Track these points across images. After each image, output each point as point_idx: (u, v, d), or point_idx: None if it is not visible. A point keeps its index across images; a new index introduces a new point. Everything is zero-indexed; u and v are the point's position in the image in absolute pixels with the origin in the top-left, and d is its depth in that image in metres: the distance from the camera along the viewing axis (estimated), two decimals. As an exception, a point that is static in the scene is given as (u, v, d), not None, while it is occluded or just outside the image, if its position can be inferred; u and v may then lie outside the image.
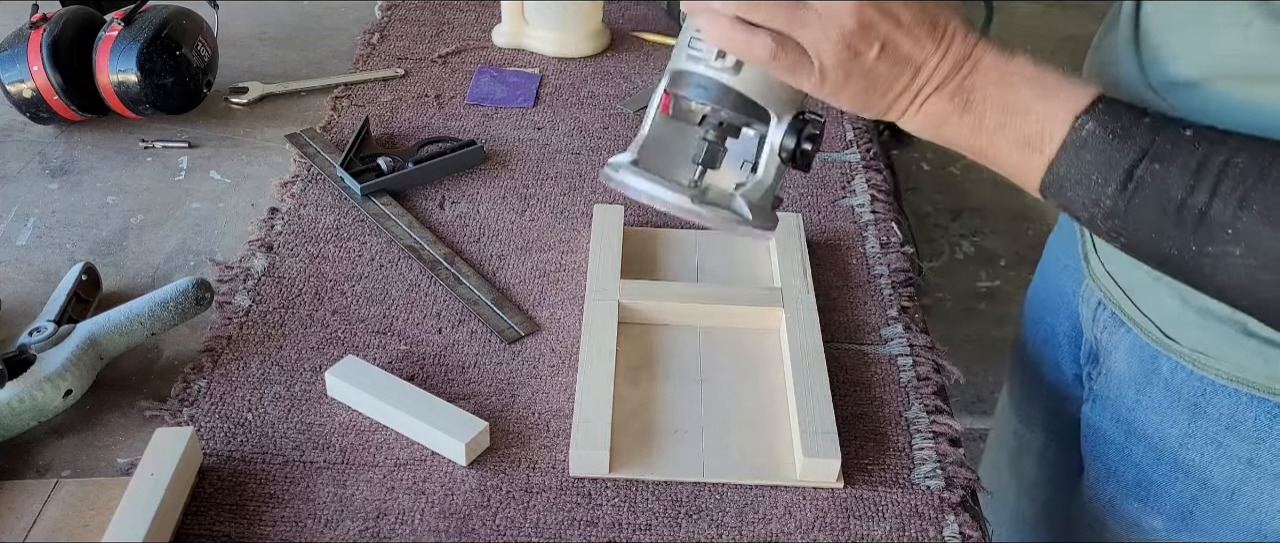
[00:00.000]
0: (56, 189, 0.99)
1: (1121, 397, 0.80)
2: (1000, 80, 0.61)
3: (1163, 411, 0.76)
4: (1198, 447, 0.74)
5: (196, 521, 0.68)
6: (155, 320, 0.78)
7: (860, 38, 0.60)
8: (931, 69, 0.61)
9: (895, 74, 0.61)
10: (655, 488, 0.71)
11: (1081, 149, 0.58)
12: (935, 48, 0.61)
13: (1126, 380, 0.79)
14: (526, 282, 0.89)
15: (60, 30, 1.02)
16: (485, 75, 1.18)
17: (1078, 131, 0.58)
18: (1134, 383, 0.78)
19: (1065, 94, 0.60)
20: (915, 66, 0.61)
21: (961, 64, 0.61)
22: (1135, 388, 0.78)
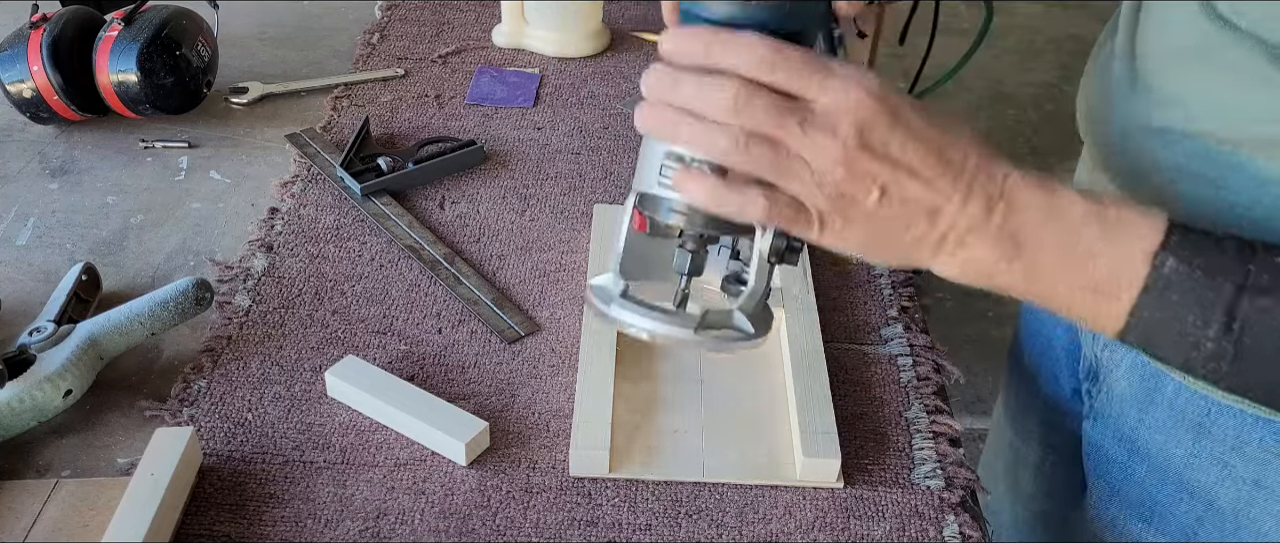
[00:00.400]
0: (56, 189, 0.99)
1: (1124, 416, 0.78)
2: (1048, 220, 0.54)
3: (1167, 430, 0.74)
4: (1203, 467, 0.72)
5: (196, 521, 0.68)
6: (155, 320, 0.78)
7: (853, 184, 0.54)
8: (954, 213, 0.54)
9: (907, 219, 0.55)
10: (655, 488, 0.71)
11: (1166, 291, 0.52)
12: (952, 187, 0.54)
13: (1129, 399, 0.77)
14: (526, 282, 0.89)
15: (60, 30, 1.02)
16: (485, 75, 1.18)
17: (1158, 272, 0.52)
18: (1136, 402, 0.76)
19: (1132, 229, 0.53)
20: (930, 210, 0.55)
21: (993, 205, 0.54)
22: (1138, 407, 0.76)
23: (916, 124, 0.54)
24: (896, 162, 0.54)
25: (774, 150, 0.54)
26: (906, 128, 0.54)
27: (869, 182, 0.54)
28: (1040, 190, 0.54)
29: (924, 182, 0.54)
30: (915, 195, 0.54)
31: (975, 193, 0.54)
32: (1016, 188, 0.54)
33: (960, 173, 0.54)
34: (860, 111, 0.53)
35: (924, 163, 0.54)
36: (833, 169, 0.53)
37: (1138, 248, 0.53)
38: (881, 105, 0.53)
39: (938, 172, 0.54)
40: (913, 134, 0.54)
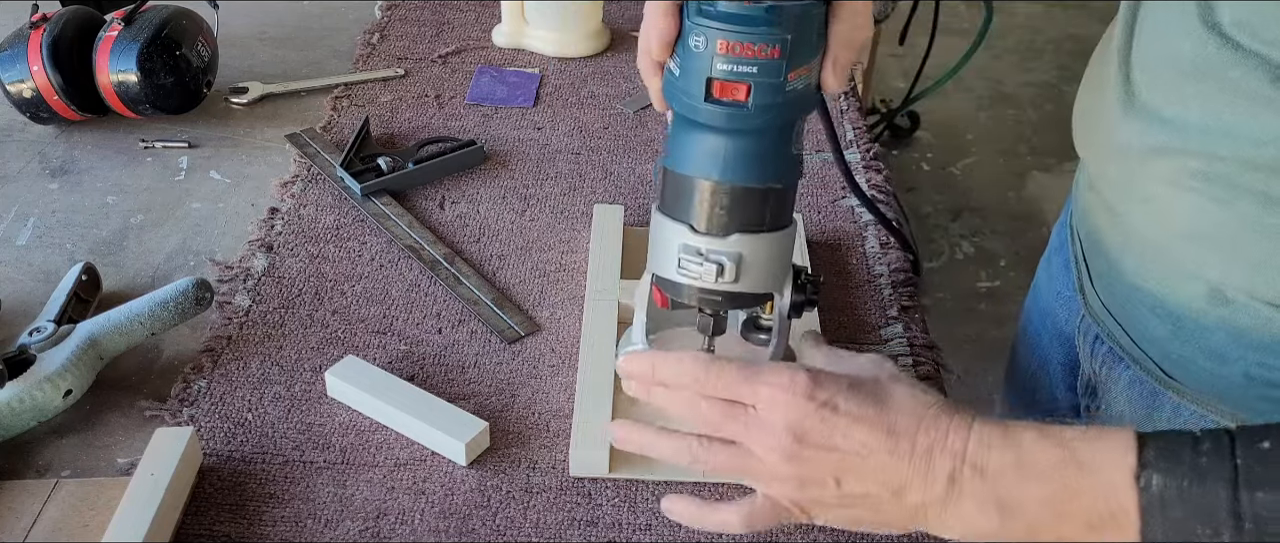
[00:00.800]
0: (56, 189, 0.99)
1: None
2: (1023, 477, 0.54)
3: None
4: None
5: (196, 521, 0.68)
6: (155, 320, 0.78)
7: (808, 477, 0.58)
8: (920, 489, 0.56)
9: (876, 500, 0.57)
10: (655, 488, 0.71)
11: (1166, 509, 0.51)
12: (909, 466, 0.56)
13: (1128, 417, 0.76)
14: (526, 282, 0.89)
15: (60, 30, 1.02)
16: (485, 75, 1.18)
17: (1147, 493, 0.52)
18: (1135, 420, 0.75)
19: (1105, 457, 0.53)
20: (894, 490, 0.57)
21: (956, 476, 0.55)
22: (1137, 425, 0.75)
23: (853, 410, 0.57)
24: (841, 450, 0.57)
25: (731, 454, 0.60)
26: (844, 417, 0.57)
27: (820, 472, 0.57)
28: (1004, 448, 0.55)
29: (876, 465, 0.57)
30: (873, 478, 0.57)
31: (935, 468, 0.56)
32: (982, 451, 0.55)
33: (913, 451, 0.56)
34: (790, 413, 0.57)
35: (869, 444, 0.57)
36: (782, 466, 0.58)
37: (1119, 475, 0.53)
38: (811, 403, 0.57)
39: (887, 449, 0.56)
40: (852, 421, 0.57)
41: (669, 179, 0.66)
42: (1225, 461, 0.51)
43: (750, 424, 0.59)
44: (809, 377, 0.58)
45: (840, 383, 0.59)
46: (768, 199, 0.65)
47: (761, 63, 0.59)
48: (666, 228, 0.66)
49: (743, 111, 0.61)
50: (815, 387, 0.58)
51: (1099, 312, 0.77)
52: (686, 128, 0.64)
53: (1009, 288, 2.48)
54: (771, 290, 0.68)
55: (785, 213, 0.66)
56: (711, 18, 0.59)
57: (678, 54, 0.62)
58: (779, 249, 0.67)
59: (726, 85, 0.60)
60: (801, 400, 0.57)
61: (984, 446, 0.56)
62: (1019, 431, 0.56)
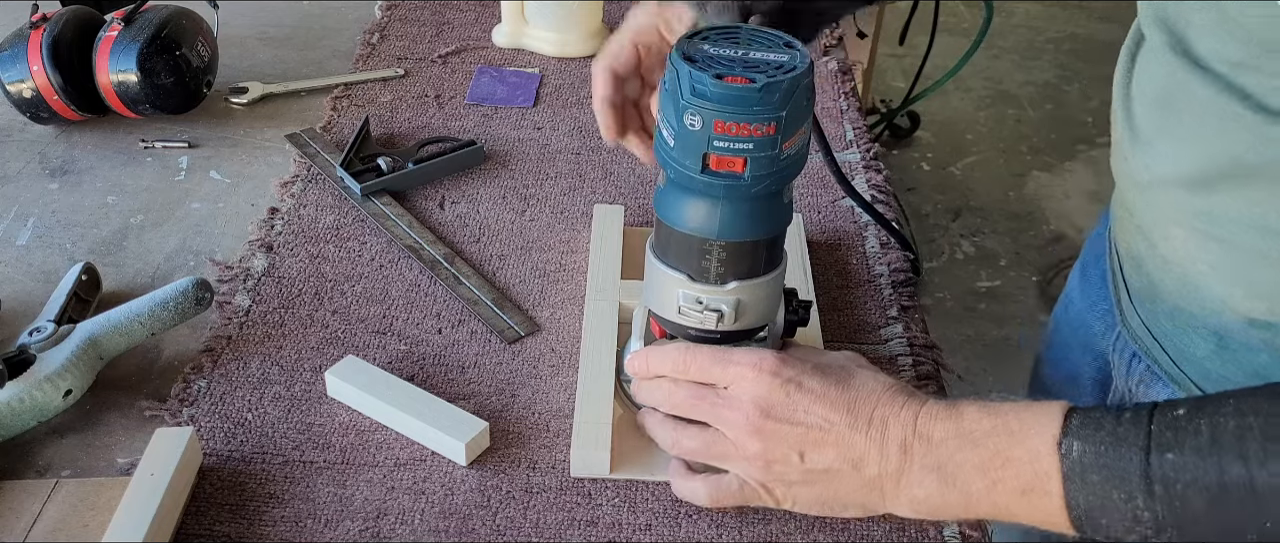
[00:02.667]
0: (56, 189, 0.99)
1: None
2: (961, 445, 0.58)
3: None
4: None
5: (196, 521, 0.68)
6: (155, 320, 0.78)
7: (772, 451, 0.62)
8: (877, 460, 0.60)
9: (836, 474, 0.61)
10: (655, 488, 0.71)
11: (1085, 474, 0.54)
12: (866, 439, 0.60)
13: None
14: (526, 282, 0.89)
15: (60, 30, 1.02)
16: (485, 75, 1.18)
17: (1068, 459, 0.55)
18: None
19: (1032, 426, 0.56)
20: (854, 461, 0.61)
21: (909, 446, 0.60)
22: None
23: (816, 388, 0.62)
24: (805, 424, 0.61)
25: (702, 436, 0.65)
26: (807, 393, 0.61)
27: (785, 446, 0.62)
28: (948, 420, 0.59)
29: (836, 438, 0.61)
30: (832, 452, 0.61)
31: (889, 438, 0.60)
32: (928, 423, 0.60)
33: (870, 423, 0.60)
34: (757, 389, 0.62)
35: (831, 419, 0.61)
36: (748, 440, 0.62)
37: (1041, 442, 0.56)
38: (776, 380, 0.62)
39: (847, 423, 0.61)
40: (815, 397, 0.61)
41: (664, 230, 0.67)
42: (1142, 428, 0.54)
43: (719, 404, 0.64)
44: (776, 357, 0.63)
45: (806, 364, 0.63)
46: (763, 248, 0.66)
47: (757, 140, 0.60)
48: (664, 273, 0.68)
49: (739, 182, 0.62)
50: (782, 365, 0.62)
51: (1137, 329, 0.76)
52: (680, 190, 0.64)
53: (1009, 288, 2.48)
54: (767, 322, 0.71)
55: (779, 253, 0.69)
56: (706, 99, 0.59)
57: (671, 125, 0.62)
58: (774, 287, 0.69)
59: (722, 159, 0.61)
60: (768, 377, 0.62)
61: (930, 417, 0.60)
62: (963, 405, 0.60)
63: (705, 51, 0.61)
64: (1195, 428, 0.52)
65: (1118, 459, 0.53)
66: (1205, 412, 0.53)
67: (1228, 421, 0.52)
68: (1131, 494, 0.53)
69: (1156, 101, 0.65)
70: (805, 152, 0.64)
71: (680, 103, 0.60)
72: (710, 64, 0.60)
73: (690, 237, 0.65)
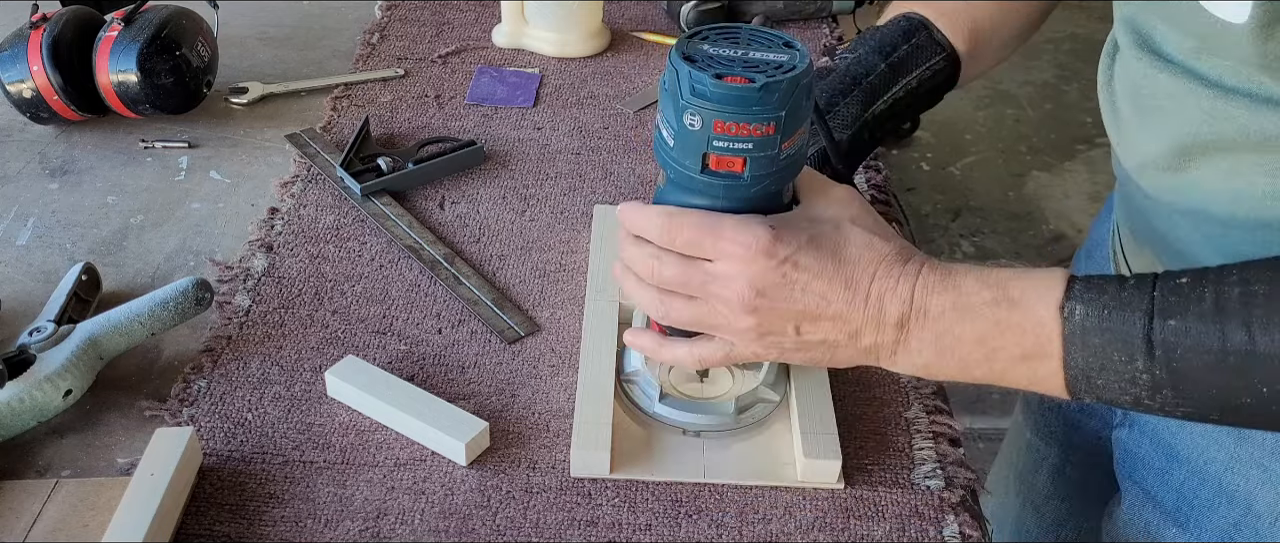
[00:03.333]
0: (56, 189, 0.99)
1: (1163, 422, 0.77)
2: (960, 317, 0.59)
3: (1208, 436, 0.74)
4: (1243, 471, 0.72)
5: (196, 521, 0.68)
6: (155, 320, 0.78)
7: (767, 327, 0.62)
8: (872, 334, 0.61)
9: (832, 344, 0.62)
10: (655, 488, 0.71)
11: (1086, 336, 0.55)
12: (862, 315, 0.60)
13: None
14: (526, 282, 0.89)
15: (60, 30, 1.02)
16: (485, 75, 1.18)
17: (1070, 321, 0.56)
18: None
19: (1035, 292, 0.57)
20: (850, 334, 0.61)
21: (905, 321, 0.60)
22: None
23: (811, 264, 0.61)
24: (802, 302, 0.61)
25: (691, 304, 0.64)
26: (803, 271, 0.61)
27: (780, 322, 0.62)
28: (945, 291, 0.60)
29: (834, 313, 0.61)
30: (829, 326, 0.61)
31: (886, 313, 0.60)
32: (925, 295, 0.60)
33: (866, 298, 0.60)
34: (751, 269, 0.61)
35: (827, 297, 0.61)
36: (742, 318, 0.62)
37: (1044, 308, 0.57)
38: (770, 260, 0.60)
39: (845, 300, 0.61)
40: (811, 275, 0.61)
41: None
42: (1145, 294, 0.55)
43: (709, 281, 0.62)
44: (769, 233, 0.61)
45: (800, 239, 0.61)
46: None
47: (757, 140, 0.60)
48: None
49: (739, 182, 0.62)
50: (775, 243, 0.61)
51: None
52: (680, 190, 0.64)
53: (1009, 288, 2.48)
54: None
55: None
56: (706, 99, 0.59)
57: (671, 125, 0.62)
58: None
59: (722, 159, 0.61)
60: (762, 258, 0.60)
61: (927, 290, 0.60)
62: (960, 274, 0.60)
63: (705, 51, 0.61)
64: (1199, 295, 0.53)
65: (1120, 323, 0.54)
66: (1208, 281, 0.54)
67: (1232, 289, 0.53)
68: (1132, 356, 0.54)
69: (1131, 95, 0.68)
70: (805, 152, 0.64)
71: (680, 103, 0.60)
72: (710, 64, 0.60)
73: None
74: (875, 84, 0.84)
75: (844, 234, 0.62)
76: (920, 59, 0.85)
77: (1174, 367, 0.54)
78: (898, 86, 0.85)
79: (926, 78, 0.85)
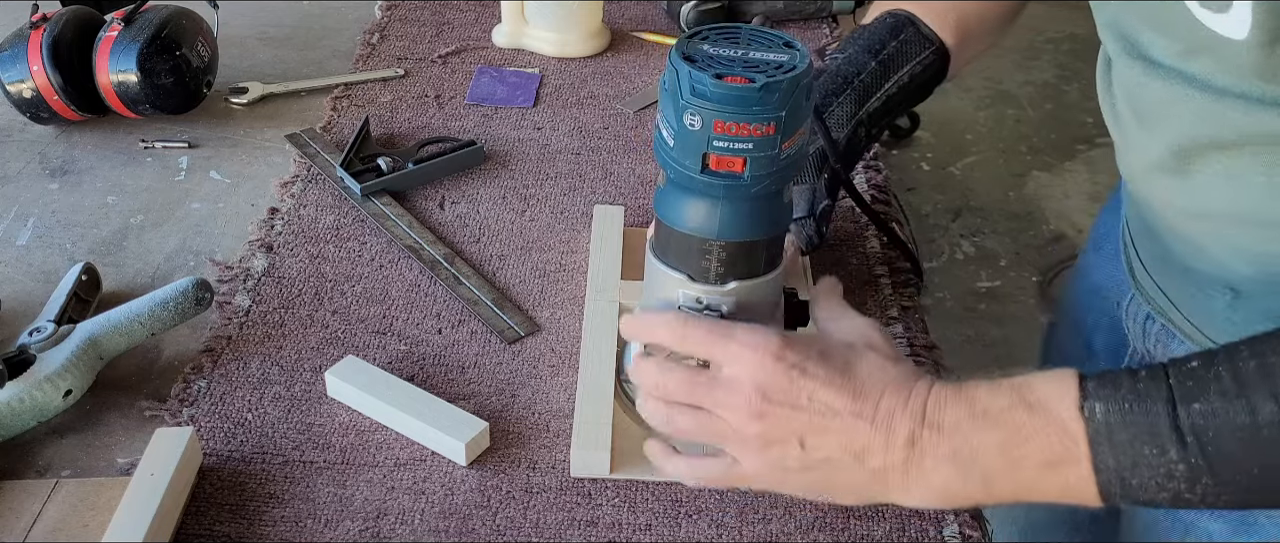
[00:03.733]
0: (56, 189, 0.99)
1: None
2: (977, 427, 0.56)
3: None
4: None
5: (196, 521, 0.68)
6: (155, 320, 0.78)
7: (772, 436, 0.59)
8: (881, 453, 0.57)
9: (837, 463, 0.59)
10: (655, 488, 0.71)
11: (1112, 434, 0.53)
12: (871, 429, 0.57)
13: None
14: (526, 282, 0.89)
15: (60, 30, 1.02)
16: (485, 75, 1.18)
17: (1093, 422, 0.53)
18: None
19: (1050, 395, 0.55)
20: (856, 452, 0.58)
21: (916, 438, 0.57)
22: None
23: (820, 373, 0.58)
24: (808, 411, 0.58)
25: (697, 416, 0.61)
26: (811, 378, 0.58)
27: (786, 432, 0.58)
28: (958, 404, 0.57)
29: (841, 426, 0.58)
30: (836, 440, 0.58)
31: (896, 430, 0.57)
32: (938, 410, 0.57)
33: (876, 413, 0.57)
34: (759, 373, 0.58)
35: (835, 407, 0.58)
36: (748, 424, 0.59)
37: (1062, 410, 0.54)
38: (779, 364, 0.58)
39: (852, 412, 0.58)
40: (820, 383, 0.58)
41: (663, 231, 0.67)
42: (1161, 383, 0.53)
43: (716, 387, 0.60)
44: (780, 339, 0.59)
45: (810, 349, 0.60)
46: (763, 249, 0.66)
47: (757, 140, 0.60)
48: (664, 273, 0.68)
49: (739, 182, 0.61)
50: (785, 349, 0.59)
51: (1151, 291, 0.77)
52: (680, 190, 0.64)
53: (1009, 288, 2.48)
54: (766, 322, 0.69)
55: (778, 254, 0.68)
56: (706, 99, 0.59)
57: (671, 125, 0.61)
58: (773, 287, 0.69)
59: (722, 159, 0.61)
60: (770, 361, 0.59)
61: (939, 404, 0.57)
62: (971, 386, 0.57)
63: (705, 51, 0.61)
64: (1215, 375, 0.52)
65: (1144, 415, 0.53)
66: (1219, 360, 0.53)
67: (1247, 363, 0.52)
68: (1164, 448, 0.52)
69: (1128, 101, 0.68)
70: (805, 152, 0.64)
71: (680, 103, 0.60)
72: (710, 64, 0.60)
73: (690, 237, 0.65)
74: (867, 83, 0.84)
75: (856, 353, 0.61)
76: (910, 55, 0.86)
77: (1209, 452, 0.52)
78: (890, 83, 0.85)
79: (917, 72, 0.86)
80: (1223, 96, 0.59)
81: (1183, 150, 0.63)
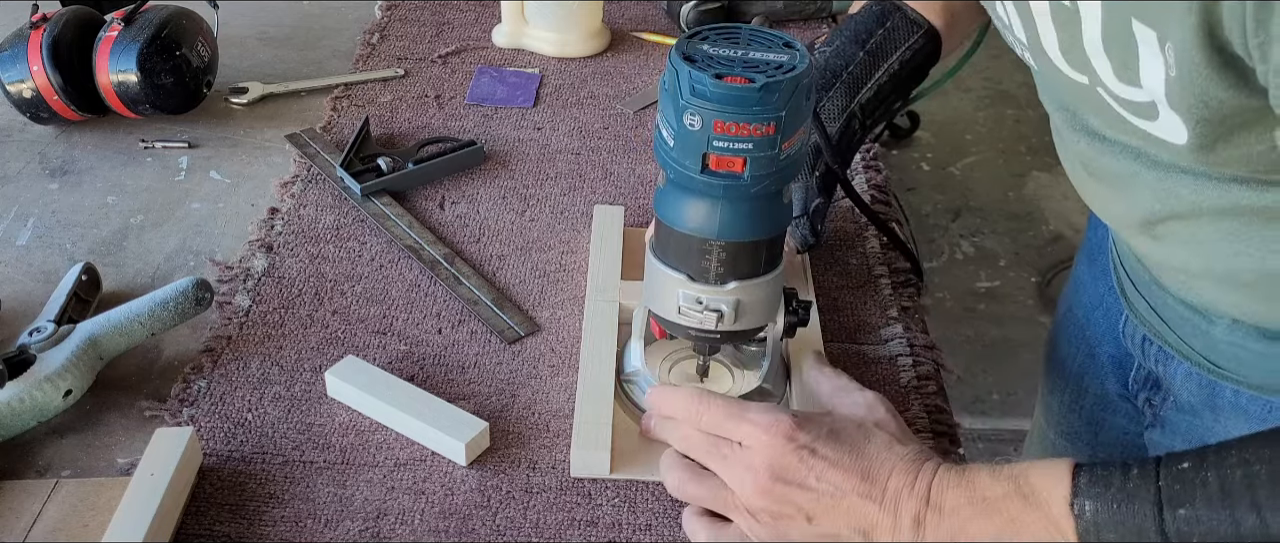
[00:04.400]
0: (56, 189, 0.99)
1: (1195, 421, 0.77)
2: (976, 513, 0.58)
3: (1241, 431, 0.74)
4: None
5: (196, 521, 0.68)
6: (155, 320, 0.78)
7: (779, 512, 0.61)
8: (888, 530, 0.60)
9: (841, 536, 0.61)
10: (655, 488, 0.71)
11: (1100, 532, 0.55)
12: (878, 509, 0.60)
13: (1197, 406, 0.76)
14: (526, 282, 0.89)
15: (60, 30, 1.02)
16: (485, 75, 1.18)
17: (1082, 519, 0.55)
18: (1205, 408, 0.75)
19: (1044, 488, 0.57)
20: (862, 530, 0.60)
21: (921, 518, 0.59)
22: (1210, 412, 0.75)
23: (831, 454, 0.61)
24: (816, 490, 0.60)
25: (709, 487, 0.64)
26: (821, 459, 0.61)
27: (793, 509, 0.61)
28: (960, 488, 0.59)
29: (848, 505, 0.60)
30: (844, 518, 0.60)
31: (902, 510, 0.60)
32: (941, 492, 0.59)
33: (883, 493, 0.60)
34: (770, 452, 0.61)
35: (842, 488, 0.60)
36: (756, 499, 0.62)
37: (1054, 505, 0.56)
38: (791, 444, 0.61)
39: (862, 492, 0.60)
40: (829, 464, 0.60)
41: (663, 231, 0.67)
42: (1150, 484, 0.54)
43: (731, 458, 0.63)
44: (792, 420, 0.62)
45: (821, 429, 0.62)
46: (763, 249, 0.67)
47: (757, 140, 0.60)
48: (664, 274, 0.68)
49: (739, 182, 0.62)
50: (797, 430, 0.62)
51: (1145, 314, 0.78)
52: (680, 190, 0.64)
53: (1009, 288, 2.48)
54: (766, 323, 0.71)
55: (778, 254, 0.68)
56: (706, 99, 0.59)
57: (670, 125, 0.61)
58: (773, 288, 0.69)
59: (722, 159, 0.61)
60: (782, 441, 0.61)
61: (942, 487, 0.60)
62: (974, 471, 0.60)
63: (705, 51, 0.61)
64: (1202, 480, 0.53)
65: (1131, 516, 0.54)
66: (1209, 463, 0.53)
67: (1234, 471, 0.52)
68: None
69: (1083, 167, 0.69)
70: (805, 152, 0.64)
71: (680, 103, 0.60)
72: (710, 64, 0.60)
73: (690, 237, 0.65)
74: (857, 74, 0.84)
75: (866, 433, 0.63)
76: (898, 41, 0.85)
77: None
78: (880, 72, 0.85)
79: (907, 58, 0.85)
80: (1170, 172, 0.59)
81: (1145, 219, 0.64)
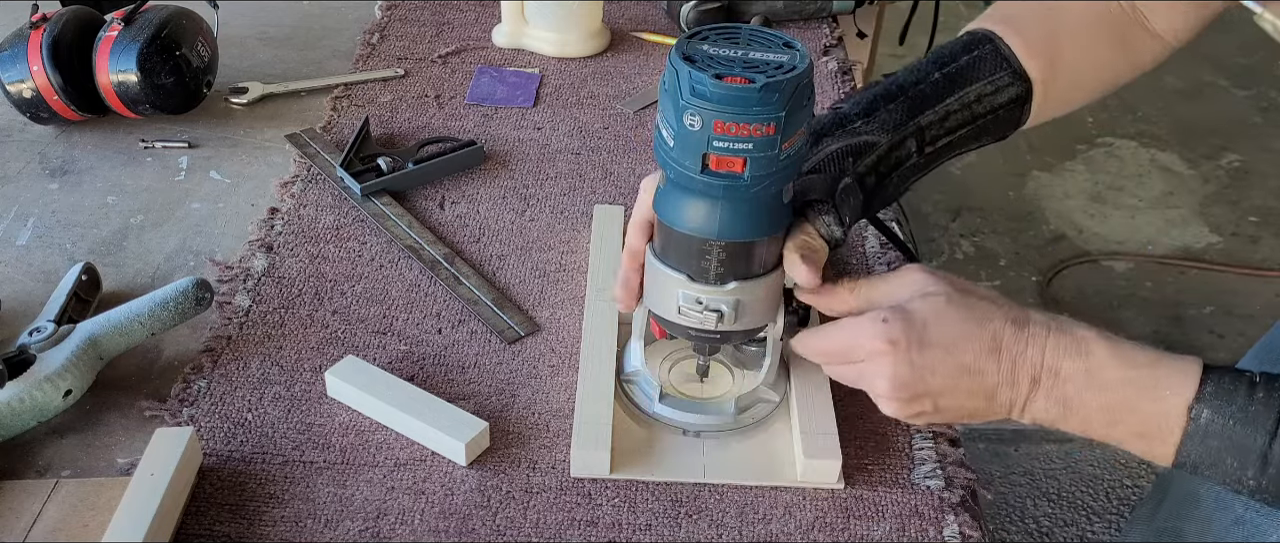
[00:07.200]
0: (56, 189, 0.99)
1: None
2: (1089, 387, 0.62)
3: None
4: None
5: (196, 521, 0.68)
6: (155, 320, 0.78)
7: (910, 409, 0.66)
8: (1008, 392, 0.64)
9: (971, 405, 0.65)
10: (655, 488, 0.71)
11: (1206, 438, 0.58)
12: (997, 373, 0.64)
13: None
14: (526, 282, 0.89)
15: (60, 30, 1.02)
16: (485, 75, 1.18)
17: (1196, 422, 0.58)
18: None
19: (1167, 384, 0.60)
20: (987, 394, 0.64)
21: (1038, 378, 0.63)
22: None
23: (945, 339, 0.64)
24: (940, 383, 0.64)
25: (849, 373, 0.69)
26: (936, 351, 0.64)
27: (921, 402, 0.65)
28: (1077, 357, 0.62)
29: (968, 385, 0.64)
30: (967, 396, 0.65)
31: (1020, 373, 0.63)
32: (1056, 356, 0.63)
33: (997, 368, 0.64)
34: (885, 366, 0.64)
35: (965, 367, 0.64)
36: (889, 407, 0.67)
37: (1174, 402, 0.59)
38: (902, 353, 0.64)
39: (983, 364, 0.64)
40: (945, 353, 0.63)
41: (664, 231, 0.67)
42: (1273, 411, 0.57)
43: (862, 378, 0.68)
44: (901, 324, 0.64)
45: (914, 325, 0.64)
46: (763, 248, 0.66)
47: (757, 140, 0.60)
48: (665, 274, 0.67)
49: (739, 182, 0.62)
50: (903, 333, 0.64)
51: None
52: (681, 190, 0.64)
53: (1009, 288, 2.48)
54: (766, 323, 0.71)
55: (778, 254, 0.68)
56: (706, 99, 0.59)
57: (670, 125, 0.61)
58: (774, 287, 0.69)
59: (722, 159, 0.61)
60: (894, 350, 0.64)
61: (1058, 351, 0.63)
62: (1089, 342, 0.62)
63: (705, 51, 0.61)
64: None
65: (1243, 436, 0.57)
66: None
67: None
68: (1244, 465, 0.57)
69: None
70: (805, 152, 0.64)
71: (680, 103, 0.60)
72: (710, 64, 0.60)
73: (690, 237, 0.65)
74: (925, 93, 0.74)
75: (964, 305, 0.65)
76: (981, 72, 0.75)
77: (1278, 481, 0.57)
78: (952, 98, 0.74)
79: (987, 93, 0.75)
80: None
81: None
